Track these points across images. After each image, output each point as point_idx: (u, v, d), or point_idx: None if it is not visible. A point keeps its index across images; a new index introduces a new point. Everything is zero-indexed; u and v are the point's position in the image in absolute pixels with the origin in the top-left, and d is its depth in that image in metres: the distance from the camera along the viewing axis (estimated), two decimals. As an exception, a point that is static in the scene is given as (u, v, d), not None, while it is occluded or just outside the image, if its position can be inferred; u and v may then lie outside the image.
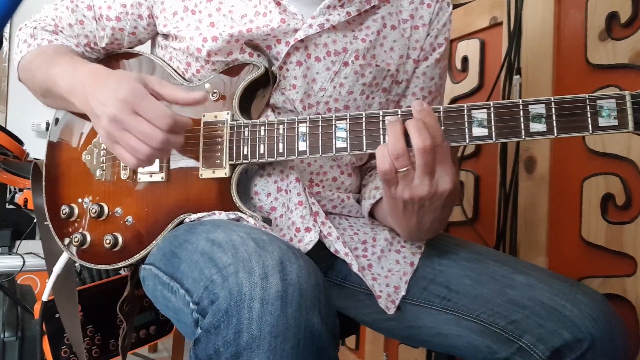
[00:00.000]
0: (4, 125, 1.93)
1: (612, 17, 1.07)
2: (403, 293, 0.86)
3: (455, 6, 1.48)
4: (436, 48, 0.95)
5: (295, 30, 0.85)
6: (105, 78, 0.78)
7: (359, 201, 0.97)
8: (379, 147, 0.73)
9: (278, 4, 0.86)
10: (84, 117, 0.90)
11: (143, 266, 0.85)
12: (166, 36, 0.93)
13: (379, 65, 0.90)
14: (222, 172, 0.83)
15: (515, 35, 1.25)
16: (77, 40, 0.96)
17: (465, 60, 1.44)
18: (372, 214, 0.95)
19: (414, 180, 0.72)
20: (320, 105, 0.89)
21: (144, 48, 0.99)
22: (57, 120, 0.99)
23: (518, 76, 1.24)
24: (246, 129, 0.82)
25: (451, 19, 0.97)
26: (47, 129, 3.03)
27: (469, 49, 1.43)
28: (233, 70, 0.87)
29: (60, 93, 0.85)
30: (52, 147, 0.98)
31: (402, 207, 0.75)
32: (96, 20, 0.94)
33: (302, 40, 0.86)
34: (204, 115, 0.85)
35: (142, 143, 0.73)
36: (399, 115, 0.74)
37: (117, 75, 0.78)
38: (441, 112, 0.73)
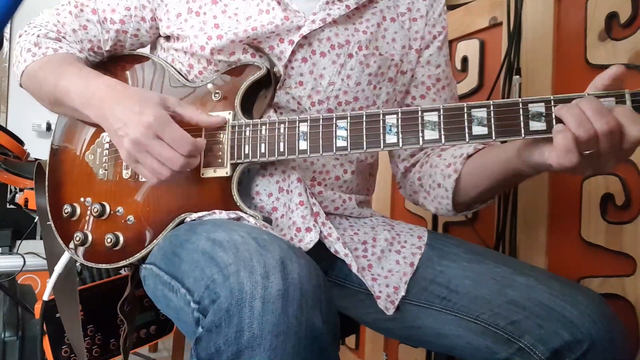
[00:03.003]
0: (4, 125, 1.93)
1: (612, 17, 1.07)
2: (403, 294, 0.86)
3: (455, 6, 1.48)
4: (436, 36, 0.98)
5: (299, 27, 0.86)
6: (123, 95, 0.80)
7: (361, 203, 0.98)
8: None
9: (279, 2, 0.86)
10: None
11: (144, 265, 0.85)
12: (168, 37, 0.93)
13: (382, 55, 0.91)
14: (223, 171, 0.83)
15: (515, 35, 1.25)
16: (81, 45, 0.96)
17: (465, 60, 1.44)
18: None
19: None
20: (330, 100, 0.89)
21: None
22: (60, 121, 0.99)
23: (518, 76, 1.24)
24: (247, 128, 0.82)
25: (445, 10, 1.00)
26: (47, 129, 3.03)
27: (469, 49, 1.43)
28: (235, 70, 0.87)
29: (72, 105, 0.86)
30: (55, 147, 0.98)
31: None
32: (100, 24, 0.94)
33: (305, 37, 0.86)
34: (205, 115, 0.85)
35: (163, 166, 0.77)
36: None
37: (137, 95, 0.80)
38: (441, 111, 0.73)
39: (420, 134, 0.74)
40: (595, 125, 0.64)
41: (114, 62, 0.98)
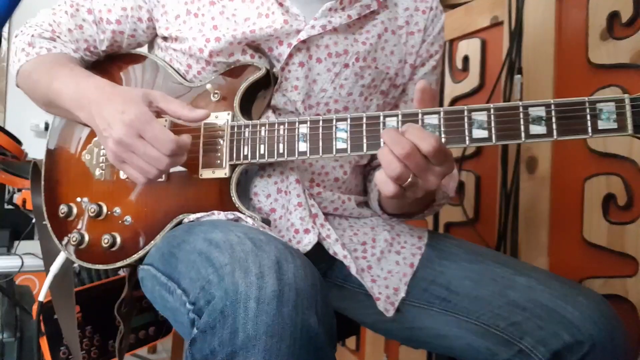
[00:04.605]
0: (2, 125, 1.92)
1: (614, 16, 1.07)
2: (402, 295, 0.86)
3: (455, 5, 1.48)
4: (433, 55, 0.97)
5: (298, 31, 0.85)
6: (110, 96, 0.79)
7: (360, 204, 0.97)
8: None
9: (280, 4, 0.86)
10: None
11: (141, 266, 0.85)
12: (166, 38, 0.93)
13: (378, 68, 0.91)
14: (222, 172, 0.82)
15: (516, 34, 1.25)
16: (77, 45, 0.95)
17: (466, 59, 1.44)
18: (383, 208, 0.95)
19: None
20: (320, 106, 0.89)
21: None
22: (57, 120, 0.99)
23: (519, 76, 1.24)
24: (247, 129, 0.82)
25: (444, 27, 0.99)
26: (46, 129, 3.02)
27: (470, 48, 1.43)
28: (234, 71, 0.86)
29: (64, 106, 0.86)
30: (51, 147, 0.98)
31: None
32: (96, 24, 0.94)
33: (304, 42, 0.86)
34: (203, 116, 0.84)
35: (149, 165, 0.76)
36: (399, 117, 0.74)
37: (122, 94, 0.79)
38: (441, 114, 0.72)
39: None
40: (395, 153, 0.67)
41: (111, 61, 0.97)
